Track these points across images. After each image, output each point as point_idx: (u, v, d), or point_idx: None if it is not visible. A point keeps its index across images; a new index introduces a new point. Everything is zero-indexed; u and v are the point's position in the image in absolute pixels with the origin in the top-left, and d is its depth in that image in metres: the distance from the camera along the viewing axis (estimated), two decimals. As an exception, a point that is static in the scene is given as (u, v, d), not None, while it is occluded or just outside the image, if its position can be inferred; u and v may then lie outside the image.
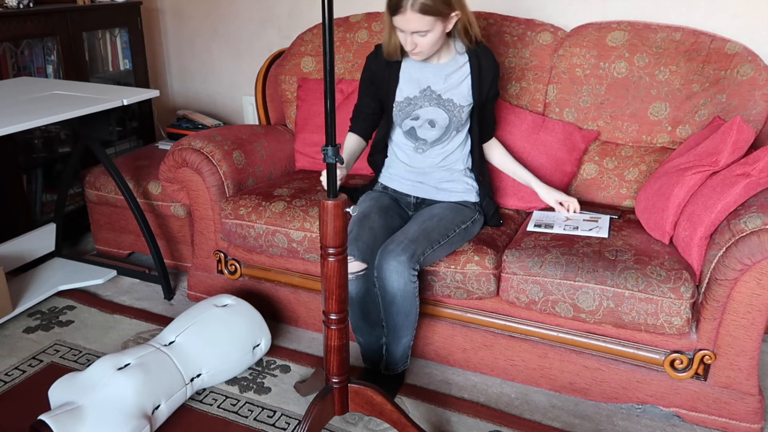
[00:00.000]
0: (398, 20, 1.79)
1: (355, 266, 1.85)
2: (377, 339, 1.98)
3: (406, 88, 1.98)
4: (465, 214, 2.01)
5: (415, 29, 1.77)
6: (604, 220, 2.07)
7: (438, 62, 1.95)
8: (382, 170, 2.15)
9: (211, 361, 1.95)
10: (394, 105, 1.99)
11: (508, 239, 2.07)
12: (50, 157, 2.93)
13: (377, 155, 2.15)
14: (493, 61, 1.98)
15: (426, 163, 2.05)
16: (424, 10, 1.73)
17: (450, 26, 1.83)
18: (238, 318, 2.04)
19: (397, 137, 2.07)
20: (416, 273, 1.82)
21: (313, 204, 2.21)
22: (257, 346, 2.08)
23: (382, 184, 2.15)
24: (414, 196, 2.10)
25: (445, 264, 1.95)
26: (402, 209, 2.10)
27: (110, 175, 2.48)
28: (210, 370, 1.95)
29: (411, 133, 2.03)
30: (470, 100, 1.97)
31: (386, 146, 2.13)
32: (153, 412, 1.77)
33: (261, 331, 2.10)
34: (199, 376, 1.92)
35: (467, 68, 1.96)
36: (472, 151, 2.08)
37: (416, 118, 2.00)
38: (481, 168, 2.11)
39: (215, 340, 1.98)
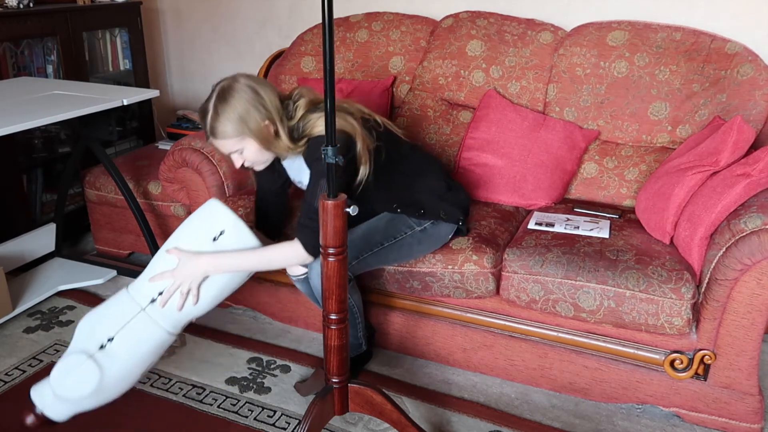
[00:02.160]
0: (215, 148, 1.81)
1: (295, 269, 1.90)
2: None
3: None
4: (423, 217, 1.90)
5: (229, 150, 1.77)
6: (605, 223, 2.07)
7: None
8: None
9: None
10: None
11: (509, 237, 2.07)
12: (50, 157, 2.93)
13: None
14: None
15: None
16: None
17: (263, 135, 1.73)
18: (188, 220, 1.79)
19: None
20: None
21: (313, 204, 2.21)
22: (221, 234, 1.73)
23: None
24: None
25: (443, 264, 1.95)
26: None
27: (110, 175, 2.48)
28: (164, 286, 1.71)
29: None
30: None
31: None
32: (104, 347, 1.66)
33: (218, 218, 1.73)
34: (153, 301, 1.70)
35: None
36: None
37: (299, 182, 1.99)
38: (385, 205, 1.90)
39: (163, 258, 1.75)
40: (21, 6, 2.75)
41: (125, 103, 2.30)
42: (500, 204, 2.28)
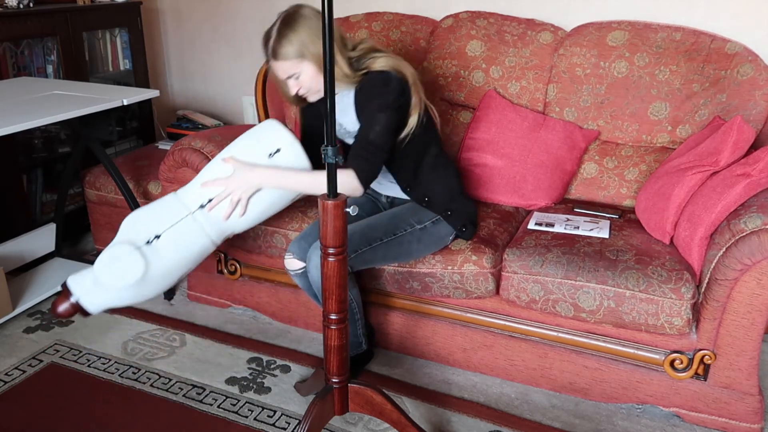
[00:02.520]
0: (272, 72, 1.87)
1: (293, 264, 1.91)
2: None
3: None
4: (425, 214, 1.95)
5: (287, 74, 1.82)
6: (605, 223, 2.07)
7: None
8: None
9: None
10: None
11: (509, 237, 2.07)
12: (50, 157, 2.93)
13: None
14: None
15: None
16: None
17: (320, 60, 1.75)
18: (245, 135, 1.85)
19: None
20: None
21: (312, 204, 2.21)
22: (276, 151, 1.80)
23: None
24: (384, 195, 2.11)
25: (442, 264, 1.95)
26: (377, 206, 2.13)
27: (110, 175, 2.48)
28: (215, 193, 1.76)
29: None
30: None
31: None
32: (150, 242, 1.71)
33: (276, 136, 1.80)
34: (202, 206, 1.76)
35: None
36: (404, 191, 1.99)
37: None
38: (403, 176, 1.96)
39: (218, 166, 1.80)
40: (21, 6, 2.75)
41: (125, 103, 2.30)
42: (500, 204, 2.28)
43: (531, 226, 2.08)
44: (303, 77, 1.81)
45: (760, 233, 1.63)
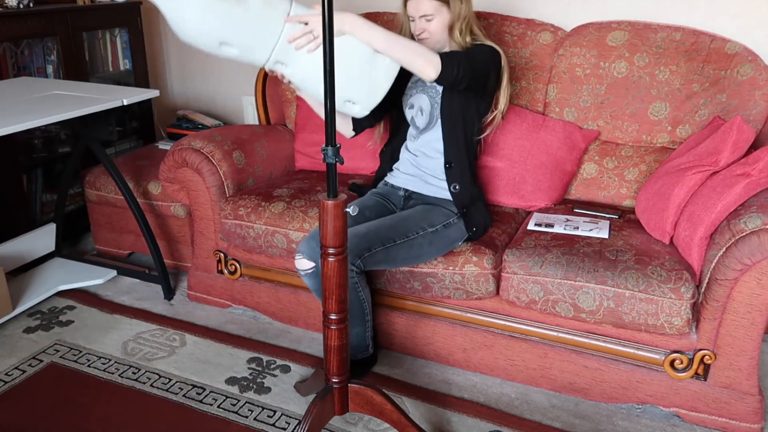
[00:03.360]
0: (410, 6, 1.96)
1: (303, 264, 1.90)
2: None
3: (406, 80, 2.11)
4: (436, 217, 1.98)
5: (423, 12, 1.92)
6: (604, 223, 2.07)
7: None
8: (391, 171, 2.21)
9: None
10: (404, 91, 2.13)
11: (508, 238, 2.07)
12: (50, 157, 2.93)
13: (386, 163, 2.22)
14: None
15: (416, 150, 2.10)
16: None
17: (455, 17, 1.94)
18: None
19: (407, 133, 2.16)
20: (356, 269, 1.83)
21: (312, 204, 2.21)
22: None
23: (386, 182, 2.19)
24: (404, 189, 2.12)
25: (443, 265, 1.95)
26: (388, 208, 2.12)
27: (110, 175, 2.48)
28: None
29: (412, 123, 2.12)
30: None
31: (397, 151, 2.19)
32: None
33: None
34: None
35: None
36: (445, 140, 2.02)
37: (411, 107, 2.10)
38: (458, 163, 2.02)
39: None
40: (21, 6, 2.75)
41: (125, 103, 2.30)
42: (500, 205, 2.28)
43: (531, 226, 2.08)
44: (435, 23, 1.93)
45: (760, 233, 1.63)
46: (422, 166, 2.09)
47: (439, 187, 2.06)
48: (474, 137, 2.06)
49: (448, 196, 2.04)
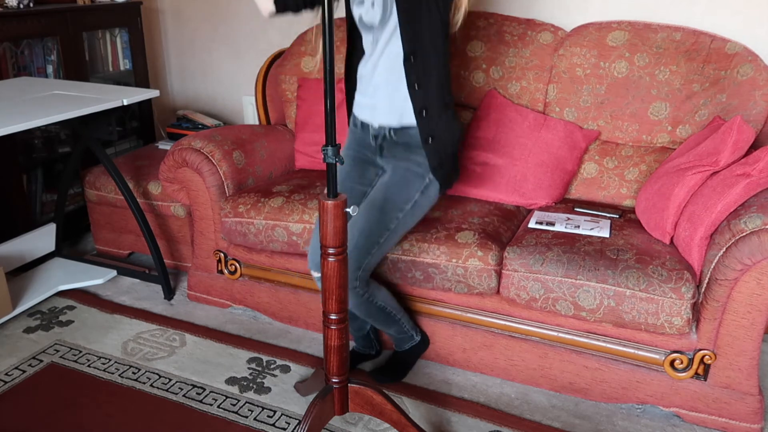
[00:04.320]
0: None
1: (313, 273, 1.94)
2: (361, 326, 2.11)
3: None
4: (412, 185, 1.86)
5: None
6: (605, 223, 2.07)
7: None
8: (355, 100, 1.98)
9: None
10: None
11: (511, 235, 2.07)
12: (50, 157, 2.93)
13: (349, 92, 2.00)
14: None
15: (372, 68, 1.85)
16: None
17: None
18: None
19: (361, 44, 1.91)
20: (360, 289, 1.86)
21: (311, 197, 2.21)
22: None
23: (354, 116, 1.98)
24: (379, 126, 1.89)
25: (447, 257, 1.95)
26: (370, 161, 1.98)
27: (110, 175, 2.48)
28: None
29: (362, 25, 1.84)
30: None
31: (355, 71, 1.94)
32: None
33: None
34: None
35: None
36: (403, 33, 1.73)
37: (361, 3, 1.82)
38: (423, 95, 1.76)
39: None
40: (21, 6, 2.75)
41: (125, 103, 2.30)
42: (501, 203, 2.28)
43: (532, 224, 2.08)
44: None
45: (760, 233, 1.63)
46: (380, 89, 1.84)
47: (402, 113, 1.83)
48: (440, 31, 1.75)
49: (413, 121, 1.81)
